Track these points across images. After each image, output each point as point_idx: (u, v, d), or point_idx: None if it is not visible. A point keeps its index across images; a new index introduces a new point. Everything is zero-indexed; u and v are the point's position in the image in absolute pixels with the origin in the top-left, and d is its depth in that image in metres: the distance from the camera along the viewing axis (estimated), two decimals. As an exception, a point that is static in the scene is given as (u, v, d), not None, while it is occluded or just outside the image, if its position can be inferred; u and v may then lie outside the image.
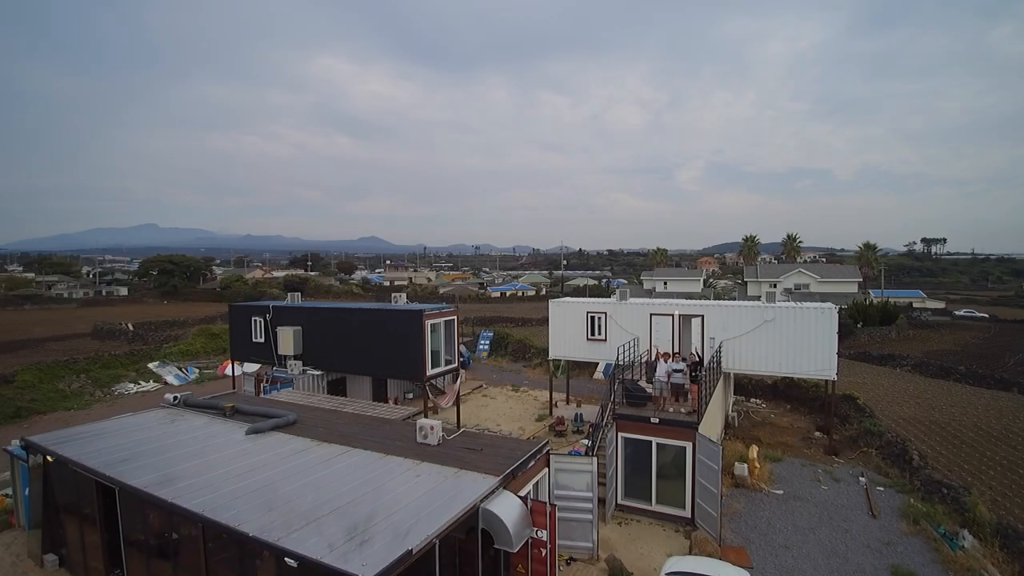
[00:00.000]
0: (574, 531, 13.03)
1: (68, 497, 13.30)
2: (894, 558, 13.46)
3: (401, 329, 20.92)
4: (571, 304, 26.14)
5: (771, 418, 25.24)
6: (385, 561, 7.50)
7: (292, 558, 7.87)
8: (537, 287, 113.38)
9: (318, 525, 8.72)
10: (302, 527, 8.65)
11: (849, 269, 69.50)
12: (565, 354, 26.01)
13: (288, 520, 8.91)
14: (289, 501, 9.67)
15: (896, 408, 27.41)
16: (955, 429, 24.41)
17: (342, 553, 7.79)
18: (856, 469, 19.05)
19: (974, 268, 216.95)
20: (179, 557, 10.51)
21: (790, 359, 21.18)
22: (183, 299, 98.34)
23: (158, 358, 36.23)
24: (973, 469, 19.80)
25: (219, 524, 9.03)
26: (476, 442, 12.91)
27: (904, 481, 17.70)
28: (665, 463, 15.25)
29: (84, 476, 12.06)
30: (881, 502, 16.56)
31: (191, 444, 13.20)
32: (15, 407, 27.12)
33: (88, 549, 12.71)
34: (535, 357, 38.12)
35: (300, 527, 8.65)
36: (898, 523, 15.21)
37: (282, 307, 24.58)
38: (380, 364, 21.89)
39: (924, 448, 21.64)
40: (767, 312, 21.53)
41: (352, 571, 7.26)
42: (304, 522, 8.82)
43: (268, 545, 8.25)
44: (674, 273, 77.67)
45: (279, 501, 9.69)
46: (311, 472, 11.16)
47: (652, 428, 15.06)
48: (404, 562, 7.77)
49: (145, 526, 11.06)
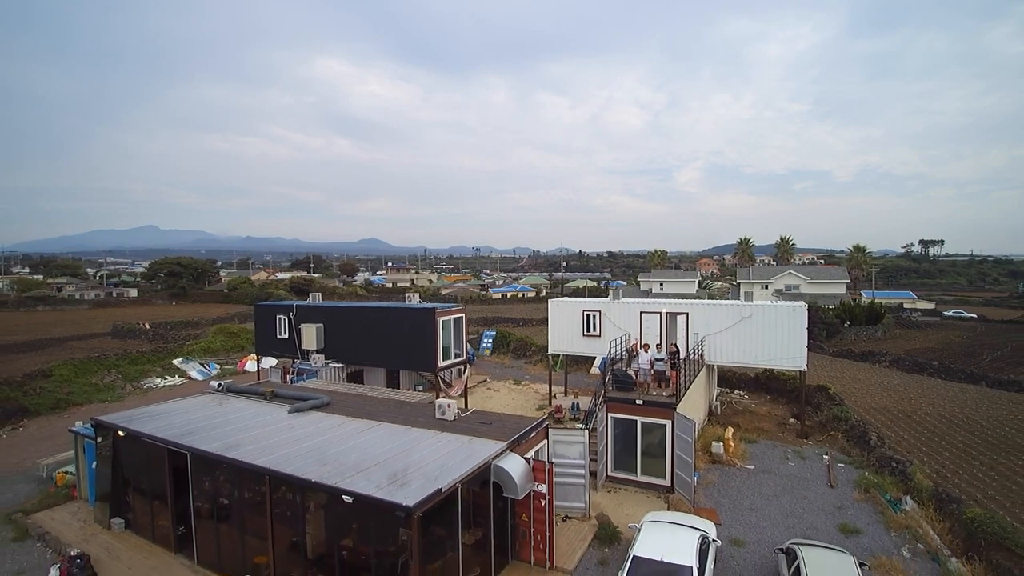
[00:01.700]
0: (569, 494, 15.30)
1: (137, 466, 15.56)
2: (843, 519, 15.73)
3: (416, 325, 23.22)
4: (568, 303, 28.43)
5: (751, 407, 27.52)
6: (421, 495, 9.78)
7: (348, 495, 10.15)
8: (537, 288, 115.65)
9: (365, 474, 11.00)
10: (352, 475, 10.93)
11: (838, 271, 71.80)
12: (563, 349, 28.29)
13: (339, 471, 11.19)
14: (337, 459, 11.96)
15: (869, 399, 29.71)
16: (920, 417, 26.71)
17: (387, 491, 10.07)
18: (822, 449, 21.33)
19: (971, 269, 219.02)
20: (245, 508, 12.80)
21: (765, 352, 23.44)
22: (191, 300, 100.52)
23: (181, 355, 38.51)
24: (929, 450, 22.09)
25: (284, 474, 11.32)
26: (486, 418, 15.19)
27: (862, 459, 19.98)
28: (649, 440, 17.51)
29: (155, 446, 14.33)
30: (840, 476, 18.84)
31: (242, 420, 15.48)
32: (55, 399, 29.39)
33: (155, 511, 14.98)
34: (535, 355, 40.35)
35: (351, 475, 10.93)
36: (852, 492, 17.49)
37: (305, 306, 26.84)
38: (396, 357, 24.18)
39: (888, 433, 23.94)
40: (744, 310, 23.82)
41: (398, 501, 9.54)
42: (353, 472, 11.11)
43: (328, 487, 10.54)
44: (670, 275, 79.98)
45: (329, 459, 11.98)
46: (350, 439, 13.44)
47: (637, 409, 17.34)
48: (435, 498, 10.05)
49: (214, 484, 13.34)
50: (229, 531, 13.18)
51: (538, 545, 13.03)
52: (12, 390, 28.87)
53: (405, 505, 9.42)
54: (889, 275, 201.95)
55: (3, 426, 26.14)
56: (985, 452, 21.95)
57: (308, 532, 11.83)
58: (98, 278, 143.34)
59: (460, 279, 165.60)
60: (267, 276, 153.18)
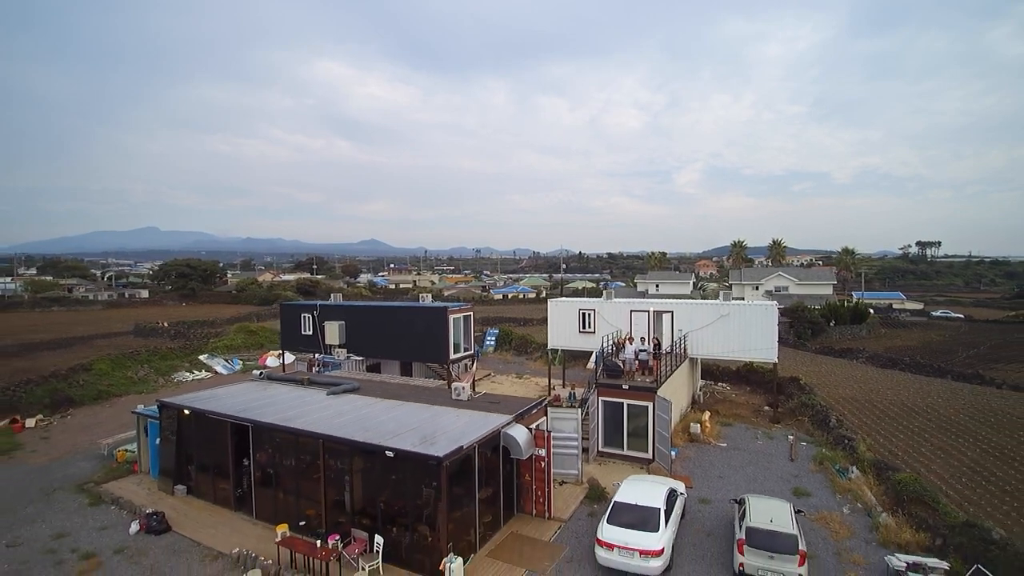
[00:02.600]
0: (564, 463, 18.08)
1: (198, 440, 18.30)
2: (798, 484, 18.52)
3: (429, 322, 26.03)
4: (566, 302, 31.25)
5: (732, 396, 30.30)
6: (448, 449, 12.58)
7: (390, 451, 12.95)
8: (537, 290, 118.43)
9: (400, 437, 13.79)
10: (391, 437, 13.73)
11: (825, 272, 74.70)
12: (561, 344, 31.09)
13: (380, 435, 13.99)
14: (376, 427, 14.76)
15: (840, 390, 32.53)
16: (884, 406, 29.52)
17: (422, 447, 12.88)
18: (789, 431, 24.10)
19: (968, 271, 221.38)
20: (297, 470, 15.59)
21: (741, 346, 26.23)
22: (201, 301, 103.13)
23: (206, 351, 41.28)
24: (887, 432, 24.91)
25: (337, 437, 14.13)
26: (495, 399, 18.00)
27: (822, 438, 22.78)
28: (634, 421, 20.29)
29: (219, 421, 17.12)
30: (801, 452, 21.62)
31: (288, 401, 18.28)
32: (96, 390, 32.17)
33: (216, 478, 17.75)
34: (536, 351, 43.12)
35: (390, 437, 13.73)
36: (808, 465, 20.29)
37: (328, 306, 29.62)
38: (412, 351, 27.00)
39: (852, 418, 26.76)
40: (722, 308, 26.63)
41: (432, 453, 12.34)
42: (391, 435, 13.90)
43: (374, 446, 13.34)
44: (666, 276, 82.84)
45: (369, 427, 14.78)
46: (383, 414, 16.24)
47: (624, 392, 20.13)
48: (458, 453, 12.84)
49: (271, 450, 16.13)
50: (283, 489, 15.98)
51: (539, 500, 15.83)
52: (59, 382, 31.64)
53: (437, 456, 12.23)
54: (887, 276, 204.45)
55: (54, 414, 28.89)
56: (935, 434, 24.78)
57: (352, 488, 14.61)
58: (106, 279, 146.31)
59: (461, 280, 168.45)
60: (272, 277, 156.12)
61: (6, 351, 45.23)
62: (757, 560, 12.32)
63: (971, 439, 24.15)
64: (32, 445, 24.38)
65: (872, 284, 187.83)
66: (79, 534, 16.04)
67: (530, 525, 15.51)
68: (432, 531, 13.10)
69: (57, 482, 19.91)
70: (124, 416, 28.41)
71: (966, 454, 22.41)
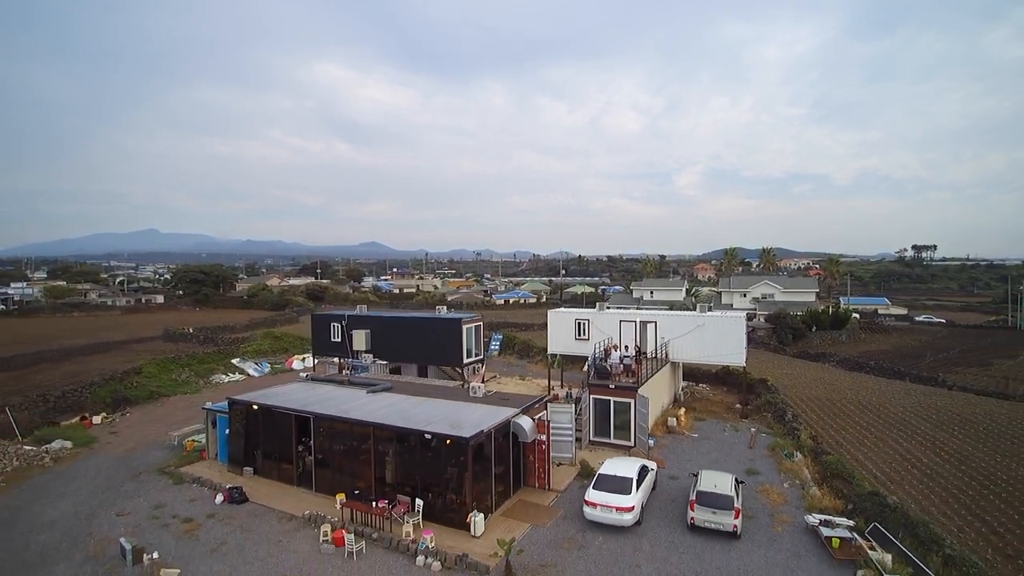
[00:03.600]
0: (561, 448, 22.21)
1: (262, 430, 22.40)
2: (751, 466, 22.65)
3: (446, 331, 30.22)
4: (564, 313, 35.43)
5: (709, 395, 34.46)
6: (473, 432, 16.76)
7: (428, 434, 17.13)
8: (538, 294, 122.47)
9: (434, 424, 17.97)
10: (427, 424, 17.91)
11: (808, 280, 78.98)
12: (560, 350, 35.24)
13: (417, 422, 18.18)
14: (414, 417, 18.94)
15: (805, 390, 36.71)
16: (842, 404, 33.69)
17: (452, 431, 17.04)
18: (753, 425, 28.26)
19: (963, 274, 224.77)
20: (351, 452, 19.74)
21: (714, 352, 30.39)
22: (214, 306, 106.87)
23: (237, 356, 45.45)
24: (839, 427, 29.07)
25: (384, 425, 18.32)
26: (504, 396, 22.18)
27: (778, 430, 26.94)
28: (620, 415, 24.43)
29: (283, 413, 21.28)
30: (759, 442, 25.77)
31: (336, 397, 22.44)
32: (149, 391, 36.30)
33: (280, 461, 21.87)
34: (537, 355, 47.25)
35: (426, 424, 17.91)
36: (763, 451, 24.44)
37: (355, 316, 33.81)
38: (429, 355, 31.18)
39: (811, 415, 30.94)
40: (699, 319, 30.80)
41: (461, 435, 16.51)
42: (426, 423, 18.09)
43: (415, 430, 17.53)
44: (660, 283, 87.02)
45: (408, 417, 18.96)
46: (416, 407, 20.42)
47: (610, 391, 24.29)
48: (480, 436, 17.01)
49: (330, 437, 20.29)
50: (337, 468, 20.14)
51: (540, 476, 19.99)
52: (116, 384, 35.78)
53: (465, 437, 16.42)
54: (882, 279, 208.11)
55: (114, 412, 33.00)
56: (880, 428, 28.96)
57: (396, 464, 18.78)
58: (117, 283, 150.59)
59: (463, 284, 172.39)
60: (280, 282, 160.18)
61: (50, 356, 49.26)
62: (703, 515, 16.49)
63: (909, 432, 28.33)
64: (104, 439, 28.41)
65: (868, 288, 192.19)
66: (173, 505, 20.17)
67: (534, 495, 19.69)
68: (459, 496, 17.29)
69: (141, 467, 24.03)
70: (177, 413, 32.61)
71: (901, 444, 26.58)
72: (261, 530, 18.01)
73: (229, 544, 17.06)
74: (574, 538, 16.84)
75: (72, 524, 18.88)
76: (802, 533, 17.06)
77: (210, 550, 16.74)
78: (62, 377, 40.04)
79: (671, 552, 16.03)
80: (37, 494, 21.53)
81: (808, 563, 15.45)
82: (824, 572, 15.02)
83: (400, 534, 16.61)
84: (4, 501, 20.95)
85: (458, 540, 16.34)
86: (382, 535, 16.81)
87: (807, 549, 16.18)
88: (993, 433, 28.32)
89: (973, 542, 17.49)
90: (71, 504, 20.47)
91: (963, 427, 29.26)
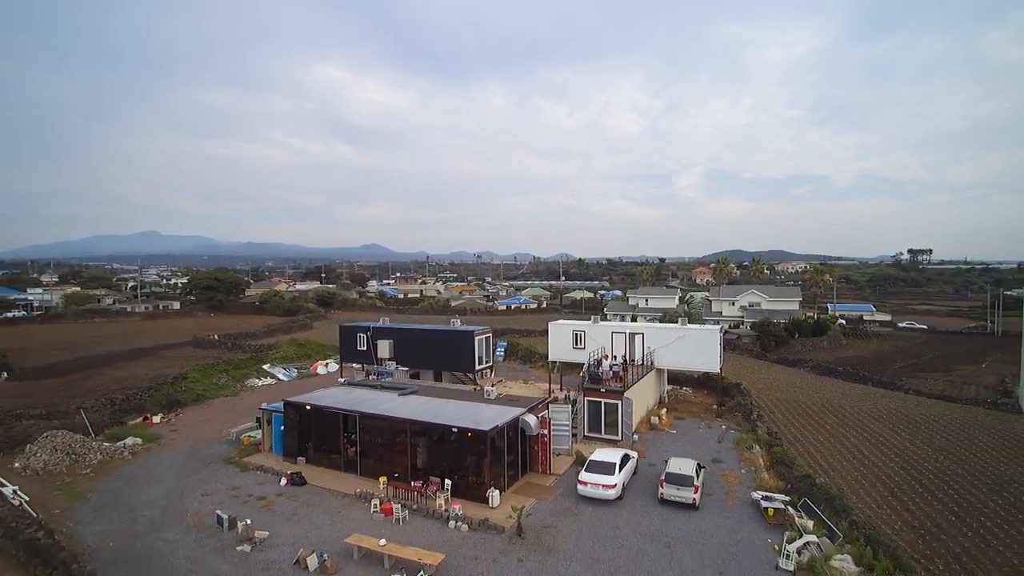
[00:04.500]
0: (560, 441, 26.91)
1: (313, 426, 27.06)
2: (716, 456, 27.34)
3: (460, 341, 34.96)
4: (562, 325, 40.18)
5: (691, 398, 39.19)
6: (491, 426, 21.51)
7: (455, 428, 21.88)
8: (539, 300, 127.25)
9: (458, 419, 22.71)
10: (452, 420, 22.66)
11: (792, 290, 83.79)
12: (559, 357, 39.94)
13: (445, 418, 22.93)
14: (441, 415, 23.68)
15: (776, 393, 41.43)
16: (806, 405, 38.39)
17: (474, 425, 21.78)
18: (724, 423, 32.95)
19: (958, 278, 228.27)
20: (393, 444, 24.47)
21: (693, 360, 35.10)
22: (228, 312, 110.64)
23: (267, 361, 50.18)
24: (800, 424, 33.76)
25: (419, 421, 23.09)
26: (513, 397, 26.89)
27: (744, 427, 31.64)
28: (609, 414, 29.10)
29: (332, 412, 25.99)
30: (728, 437, 30.46)
31: (374, 399, 27.15)
32: (195, 394, 40.97)
33: (328, 452, 26.54)
34: (538, 361, 51.91)
35: (451, 420, 22.65)
36: (729, 444, 29.15)
37: (379, 328, 38.54)
38: (445, 362, 35.91)
39: (778, 415, 35.62)
40: (680, 331, 35.53)
41: (481, 428, 21.24)
42: (452, 419, 22.83)
43: (443, 425, 22.29)
44: (655, 292, 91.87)
45: (437, 415, 23.71)
46: (441, 406, 25.17)
47: (602, 394, 28.99)
48: (496, 429, 21.76)
49: (372, 431, 25.02)
50: (377, 456, 24.84)
51: (543, 463, 24.72)
52: (168, 387, 40.47)
53: (485, 430, 21.17)
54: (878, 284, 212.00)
55: (169, 412, 37.63)
56: (835, 426, 33.65)
57: (428, 453, 23.48)
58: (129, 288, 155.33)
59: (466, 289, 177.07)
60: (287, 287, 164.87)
61: (91, 362, 53.53)
62: (670, 490, 21.23)
63: (859, 430, 33.02)
64: (167, 436, 32.95)
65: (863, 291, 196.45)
66: (246, 487, 24.84)
67: (538, 477, 24.42)
68: (479, 477, 22.02)
69: (208, 458, 28.66)
70: (223, 413, 37.26)
71: (850, 439, 31.27)
72: (322, 504, 22.71)
73: (300, 514, 21.77)
74: (570, 508, 21.57)
75: (167, 503, 23.49)
76: (748, 506, 21.77)
77: (286, 519, 21.43)
78: (112, 381, 44.61)
79: (644, 518, 20.76)
80: (127, 481, 26.09)
81: (748, 527, 20.17)
82: (759, 534, 19.73)
83: (434, 506, 21.32)
84: (101, 487, 25.51)
85: (479, 510, 21.05)
86: (420, 507, 21.53)
87: (749, 517, 20.89)
88: (931, 431, 33.04)
89: (887, 516, 22.17)
90: (160, 488, 25.07)
91: (907, 426, 33.94)
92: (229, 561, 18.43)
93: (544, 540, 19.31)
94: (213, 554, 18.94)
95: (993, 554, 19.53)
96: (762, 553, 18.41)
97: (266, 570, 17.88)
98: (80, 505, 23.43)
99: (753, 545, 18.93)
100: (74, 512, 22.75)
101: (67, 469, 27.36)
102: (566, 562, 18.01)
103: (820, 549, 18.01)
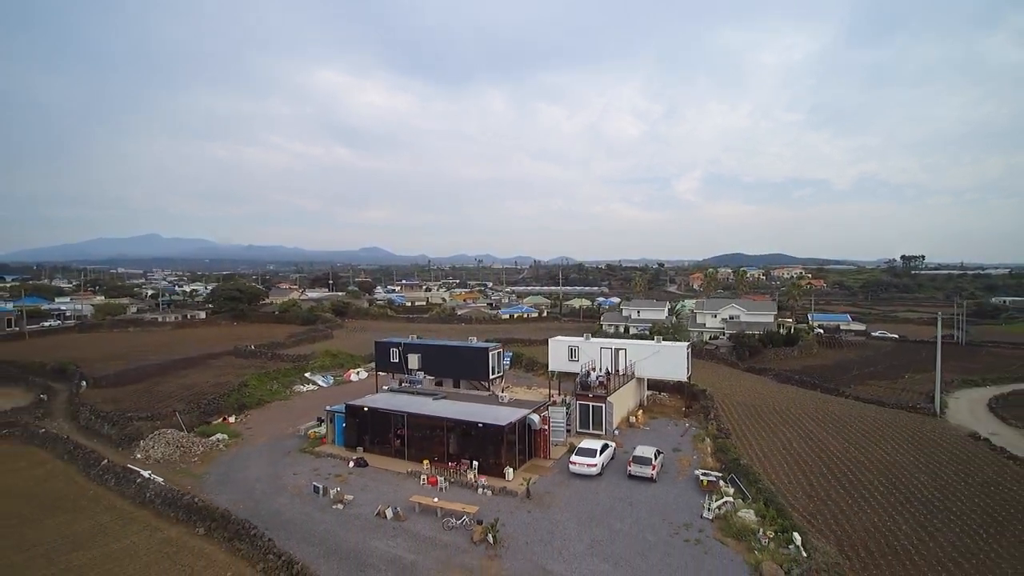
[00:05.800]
0: (557, 434, 35.33)
1: (368, 423, 35.48)
2: (677, 446, 35.78)
3: (476, 357, 43.48)
4: (560, 341, 48.75)
5: (666, 402, 47.65)
6: (506, 422, 30.08)
7: (480, 423, 30.40)
8: (539, 309, 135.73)
9: (482, 417, 31.19)
10: (477, 417, 31.17)
11: (768, 304, 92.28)
12: (558, 368, 48.43)
13: (471, 416, 31.44)
14: (469, 414, 32.19)
15: (737, 397, 49.86)
16: (759, 408, 46.80)
17: (495, 422, 30.30)
18: (689, 421, 41.37)
19: (949, 284, 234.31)
20: (434, 438, 32.99)
21: (666, 369, 43.60)
22: (250, 321, 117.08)
23: (308, 370, 58.67)
24: (750, 423, 42.15)
25: (453, 419, 31.67)
26: (522, 401, 35.38)
27: (703, 423, 40.09)
28: (595, 414, 37.53)
29: (386, 413, 34.47)
30: (690, 432, 38.88)
31: (415, 402, 35.62)
32: (257, 398, 49.33)
33: (381, 443, 34.98)
34: (539, 370, 60.32)
35: (477, 417, 31.16)
36: (689, 438, 37.61)
37: (409, 344, 47.01)
38: (464, 373, 44.41)
39: (733, 415, 43.99)
40: (655, 347, 44.05)
41: (499, 424, 29.78)
42: (477, 417, 31.35)
43: (472, 423, 30.85)
44: (646, 304, 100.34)
45: (466, 414, 32.21)
46: (467, 408, 33.69)
47: (590, 398, 37.47)
48: (510, 424, 30.27)
49: (416, 427, 33.51)
50: (419, 446, 33.30)
51: (544, 451, 33.21)
52: (236, 393, 48.80)
53: (502, 425, 29.71)
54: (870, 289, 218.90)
55: (238, 414, 45.91)
56: (777, 425, 42.05)
57: (460, 442, 31.95)
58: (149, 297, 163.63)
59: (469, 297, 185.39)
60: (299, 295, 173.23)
61: (151, 371, 61.33)
62: (635, 468, 29.74)
63: (797, 428, 41.41)
64: (246, 433, 41.13)
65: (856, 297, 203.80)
66: (323, 468, 33.20)
67: (540, 461, 32.90)
68: (497, 460, 30.47)
69: (286, 449, 36.98)
70: (283, 413, 45.49)
71: (786, 435, 39.67)
72: (383, 479, 31.16)
73: (369, 486, 30.21)
74: (564, 481, 30.09)
75: (269, 480, 31.80)
76: (692, 480, 30.23)
77: (360, 488, 29.84)
78: (179, 388, 53.06)
79: (616, 488, 29.25)
80: (229, 466, 34.32)
81: (689, 493, 28.64)
82: (695, 497, 28.14)
83: (466, 479, 29.79)
84: (212, 471, 33.61)
85: (499, 482, 29.49)
86: (455, 480, 30.01)
87: (691, 487, 29.36)
88: (853, 430, 41.36)
89: (792, 488, 30.56)
90: (258, 470, 33.37)
91: (836, 425, 42.28)
92: (331, 515, 26.84)
93: (545, 500, 27.81)
94: (317, 511, 27.35)
95: (861, 513, 27.96)
96: (694, 508, 26.86)
97: (357, 519, 26.31)
98: (203, 483, 31.67)
99: (690, 504, 27.40)
100: (201, 488, 30.96)
101: (179, 458, 35.56)
102: (560, 513, 26.50)
103: (733, 506, 26.43)
